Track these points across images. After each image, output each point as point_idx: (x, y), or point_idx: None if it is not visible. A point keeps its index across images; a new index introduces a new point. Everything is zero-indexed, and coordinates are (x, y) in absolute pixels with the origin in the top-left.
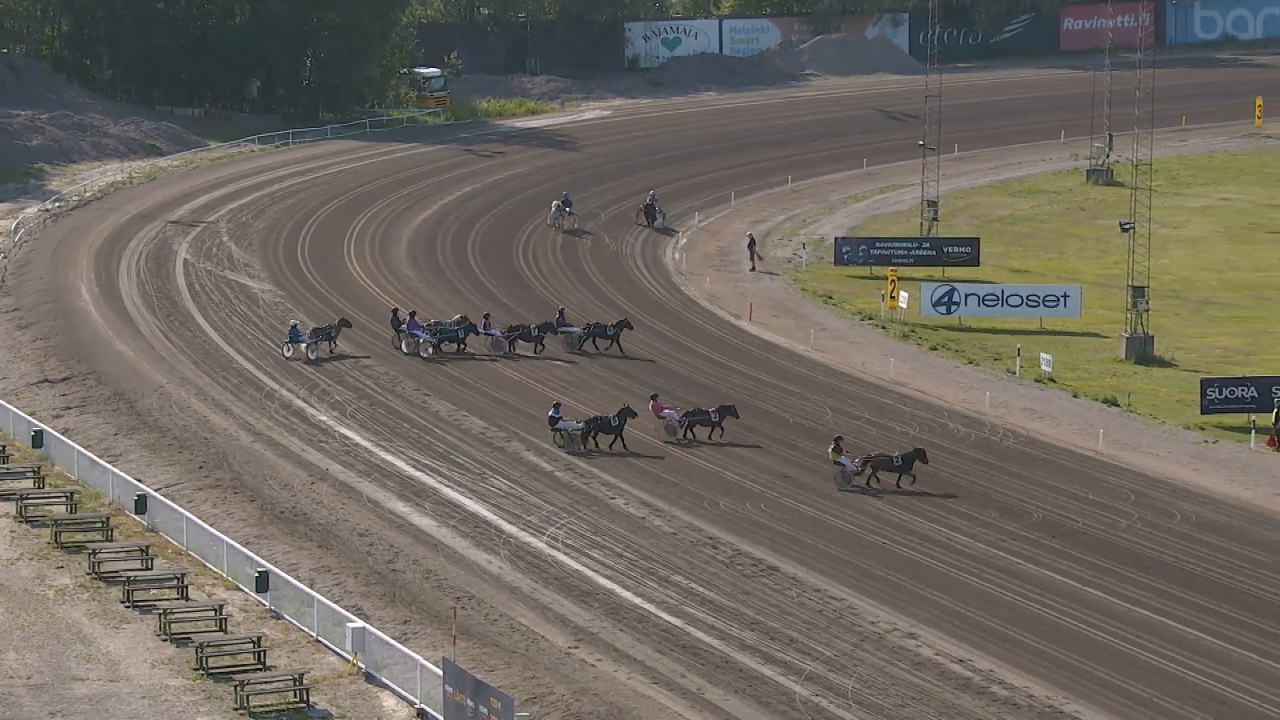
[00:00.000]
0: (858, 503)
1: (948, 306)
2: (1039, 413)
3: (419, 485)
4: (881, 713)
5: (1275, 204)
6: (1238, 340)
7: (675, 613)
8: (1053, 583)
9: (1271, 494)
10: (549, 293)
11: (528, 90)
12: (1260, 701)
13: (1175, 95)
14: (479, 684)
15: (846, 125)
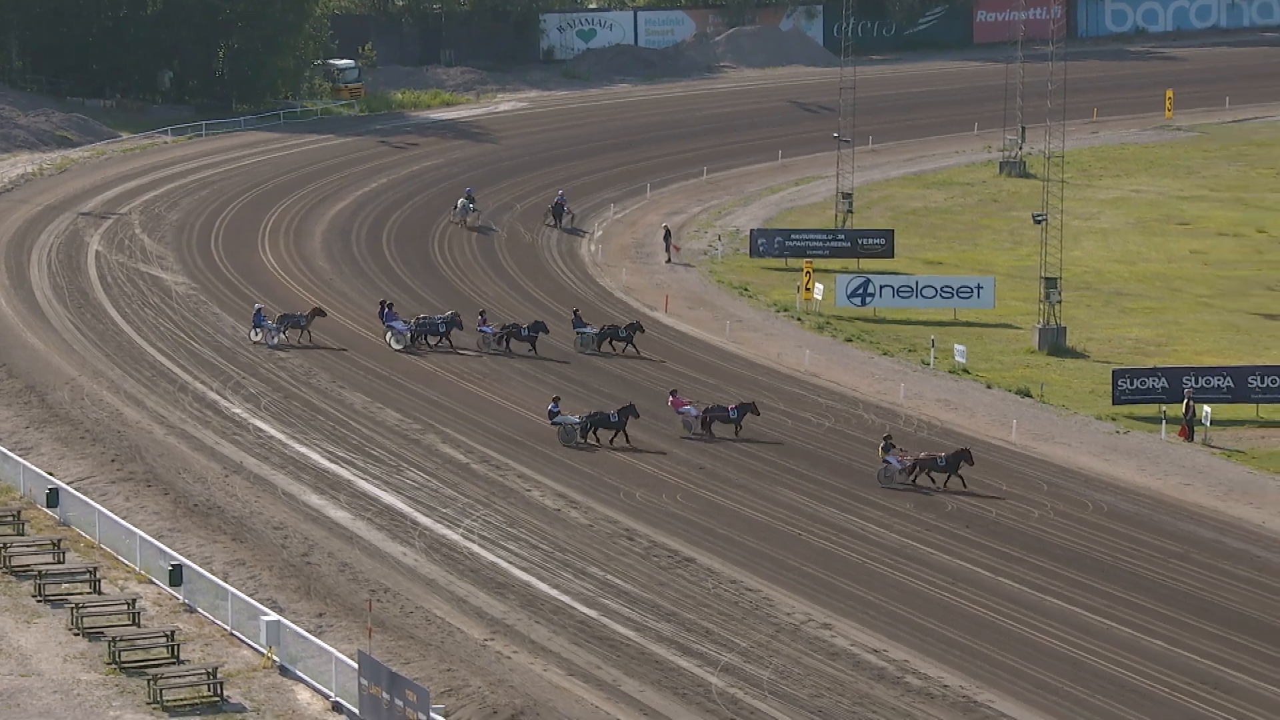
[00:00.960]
0: (773, 494)
1: (862, 298)
2: (953, 404)
3: (334, 478)
4: (797, 703)
5: (1186, 196)
6: (1149, 331)
7: (591, 604)
8: (967, 573)
9: (1181, 484)
10: (465, 285)
11: (443, 82)
12: (1170, 690)
13: (1087, 87)
14: (394, 676)
15: (761, 117)
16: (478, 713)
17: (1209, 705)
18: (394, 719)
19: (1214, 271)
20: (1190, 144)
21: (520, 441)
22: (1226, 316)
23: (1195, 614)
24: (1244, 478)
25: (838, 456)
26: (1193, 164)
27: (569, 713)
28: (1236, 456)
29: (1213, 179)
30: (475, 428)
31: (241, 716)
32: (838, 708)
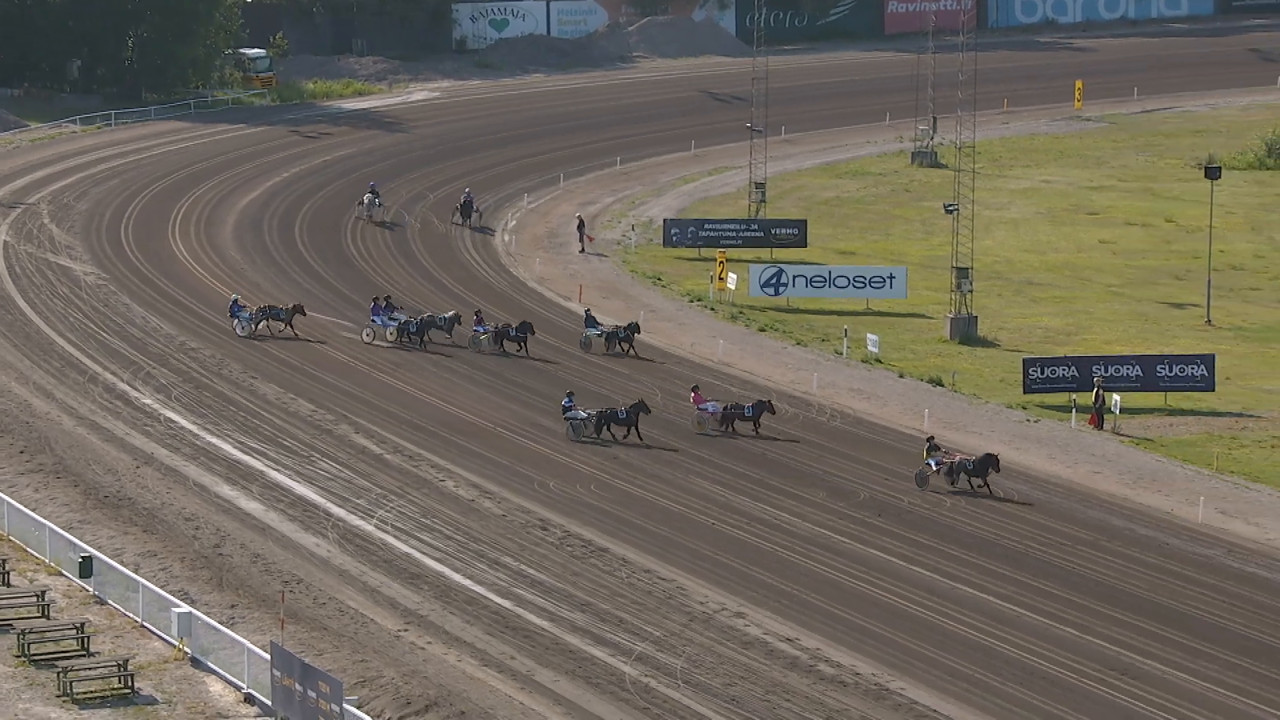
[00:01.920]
0: (686, 484)
1: (775, 288)
2: (866, 393)
3: (246, 468)
4: (710, 692)
5: (1095, 186)
6: (1059, 320)
7: (505, 595)
8: (879, 561)
9: (1091, 472)
10: (379, 276)
11: (355, 71)
12: (1079, 676)
13: (997, 78)
14: (307, 668)
15: (674, 107)
16: (391, 704)
17: (1118, 692)
18: (307, 711)
19: (1123, 261)
20: (1099, 134)
21: (434, 432)
22: (1135, 306)
23: (1105, 601)
24: (1152, 465)
25: (752, 447)
26: (1102, 154)
27: (483, 703)
28: (1145, 444)
29: (1121, 169)
30: (389, 418)
31: (153, 709)
32: (750, 696)
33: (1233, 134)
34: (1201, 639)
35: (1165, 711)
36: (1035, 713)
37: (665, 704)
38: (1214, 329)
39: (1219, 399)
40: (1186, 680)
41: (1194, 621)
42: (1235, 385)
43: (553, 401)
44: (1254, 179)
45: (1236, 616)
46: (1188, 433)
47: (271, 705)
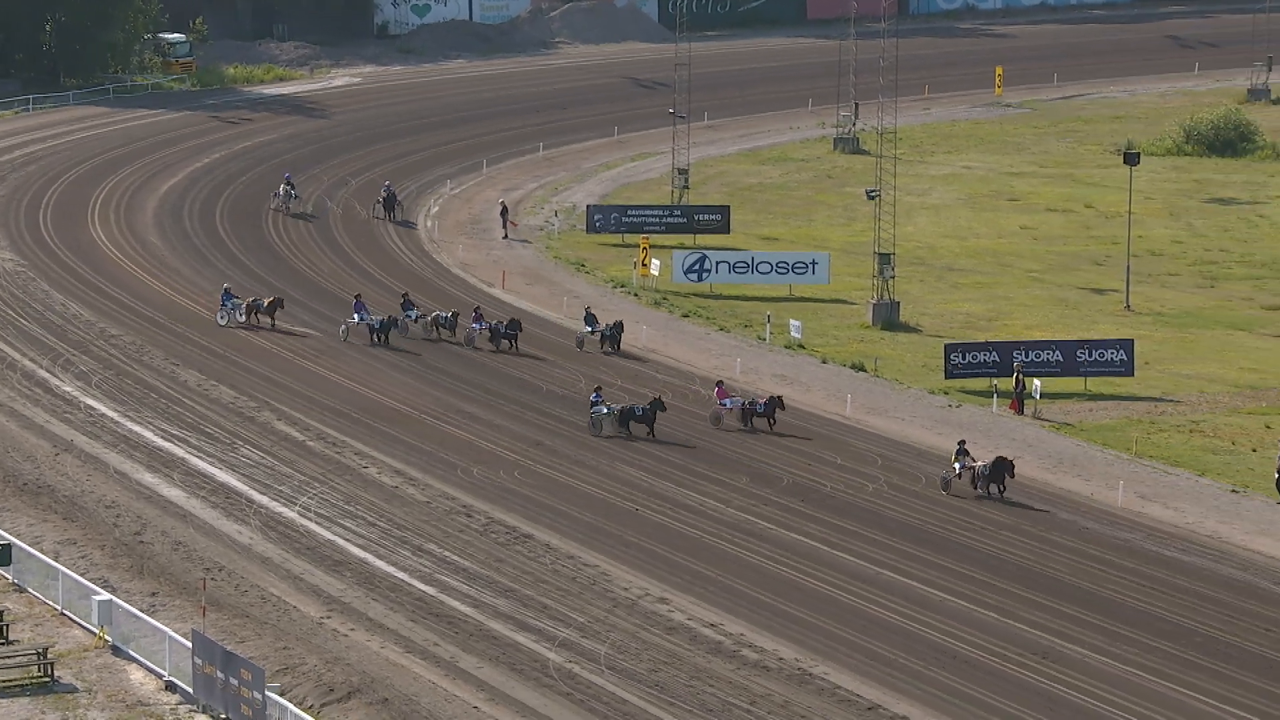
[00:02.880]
0: (610, 470)
1: (699, 274)
2: (789, 378)
3: (167, 456)
4: (634, 677)
5: (1015, 172)
6: (980, 306)
7: (429, 581)
8: (802, 546)
9: (1012, 456)
10: (301, 262)
11: (276, 57)
12: (1001, 660)
13: (918, 64)
14: (229, 655)
15: (597, 93)
16: (313, 691)
17: (1039, 675)
18: (228, 698)
19: (1043, 247)
20: (1020, 120)
21: (357, 419)
22: (1055, 291)
23: (1026, 585)
24: (1072, 450)
25: (675, 431)
26: (1022, 140)
27: (406, 690)
28: (1065, 429)
29: (1041, 155)
30: (311, 405)
31: (73, 697)
32: (674, 681)
33: (1151, 120)
34: (1121, 622)
35: (1085, 694)
36: (957, 696)
37: (589, 690)
38: (1133, 314)
39: (1138, 384)
40: (1106, 663)
41: (1114, 605)
42: (1154, 370)
43: (476, 388)
44: (1172, 165)
45: (1155, 600)
46: (1107, 417)
47: (193, 693)
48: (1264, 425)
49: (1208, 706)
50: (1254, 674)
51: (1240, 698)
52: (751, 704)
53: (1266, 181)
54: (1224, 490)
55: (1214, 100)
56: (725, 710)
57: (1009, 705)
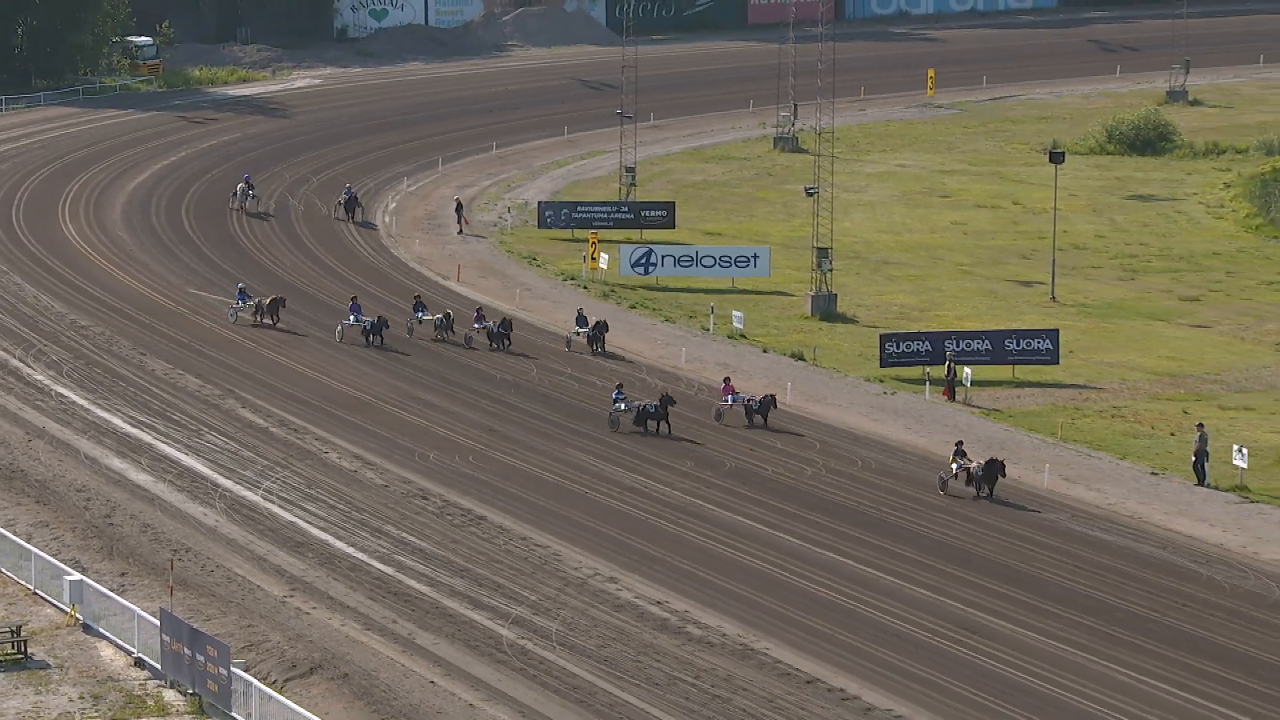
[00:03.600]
0: (561, 454)
1: (645, 267)
2: (731, 367)
3: (136, 442)
4: (584, 654)
5: (947, 170)
6: (913, 298)
7: (387, 561)
8: (744, 528)
9: (944, 441)
10: (264, 257)
11: (239, 59)
12: (932, 635)
13: (854, 67)
14: (195, 633)
15: (548, 94)
16: (277, 667)
17: (970, 650)
18: (195, 674)
19: (973, 241)
20: (951, 121)
21: (318, 406)
22: (985, 283)
23: (957, 564)
24: (1001, 435)
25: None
26: (953, 140)
27: (365, 665)
28: (995, 415)
29: (971, 154)
30: (274, 393)
31: (45, 673)
32: (622, 657)
33: (1075, 121)
34: (1047, 599)
35: (1013, 668)
36: (891, 670)
37: (541, 665)
38: (1058, 305)
39: (1063, 372)
40: (1033, 638)
41: (1040, 582)
42: (1078, 359)
43: (433, 377)
44: (1095, 163)
45: (1079, 577)
46: (1034, 404)
47: (161, 669)
48: (1182, 411)
49: (1129, 679)
50: (1172, 647)
51: (1159, 670)
52: (696, 678)
53: (1184, 179)
54: (1144, 473)
55: (1135, 102)
56: (671, 684)
57: (941, 678)
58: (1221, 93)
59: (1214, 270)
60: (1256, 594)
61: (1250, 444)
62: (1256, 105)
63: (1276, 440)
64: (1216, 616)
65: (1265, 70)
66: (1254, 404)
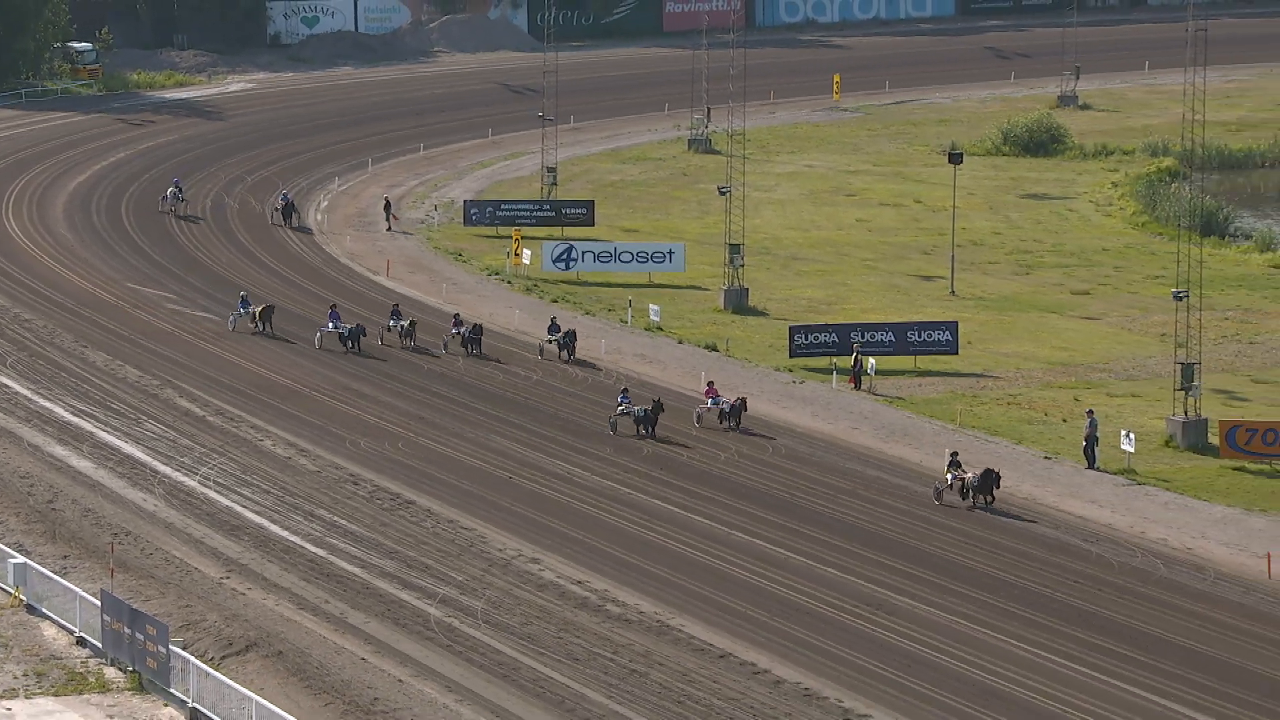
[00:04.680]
0: (486, 441)
1: (566, 263)
2: (649, 358)
3: (77, 430)
4: (508, 631)
5: (852, 170)
6: (821, 292)
7: (320, 544)
8: (661, 511)
9: (850, 428)
10: (201, 254)
11: (176, 64)
12: (838, 611)
13: (764, 72)
14: (135, 613)
15: (473, 98)
16: (214, 645)
17: (874, 625)
18: (135, 652)
19: (877, 238)
20: (855, 123)
21: (253, 396)
22: (888, 278)
23: (862, 544)
24: (904, 421)
25: (545, 407)
26: (858, 141)
27: (299, 643)
28: (897, 403)
29: (875, 155)
30: (211, 383)
31: None
32: (545, 634)
33: (972, 124)
34: (947, 577)
35: (915, 642)
36: (800, 644)
37: (467, 642)
38: (957, 299)
39: (962, 361)
40: (934, 614)
41: (940, 561)
42: (976, 349)
43: (363, 368)
44: (991, 164)
45: (977, 556)
46: (934, 392)
47: (102, 647)
48: (1073, 398)
49: (1025, 652)
50: (1064, 622)
51: (1053, 643)
52: (614, 654)
53: (1075, 179)
54: (1038, 457)
55: (1028, 106)
56: (591, 659)
57: (847, 652)
58: (1109, 97)
59: (1103, 265)
60: (1143, 571)
61: (1137, 429)
62: (1142, 109)
63: (1161, 426)
64: (1105, 592)
65: (1150, 76)
66: (1140, 391)
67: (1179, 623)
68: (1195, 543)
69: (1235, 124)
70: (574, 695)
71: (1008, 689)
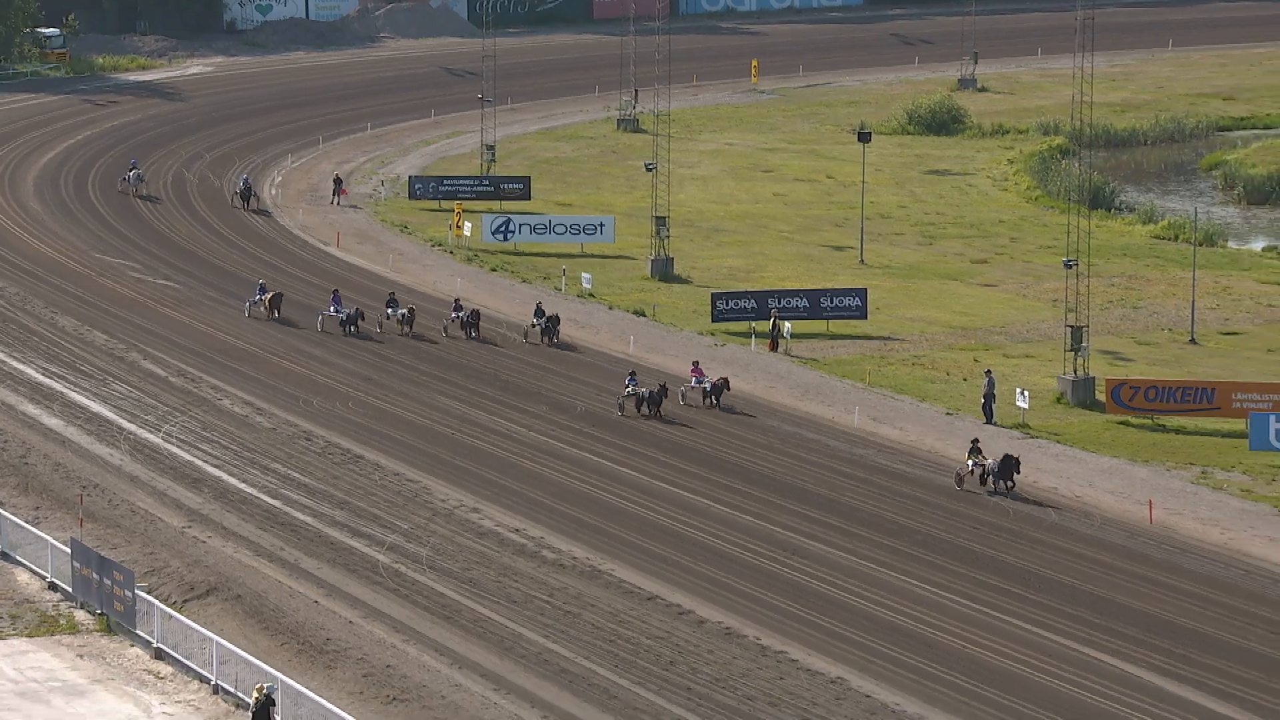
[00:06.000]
0: (430, 400)
1: (504, 234)
2: (581, 322)
3: (48, 390)
4: (451, 575)
5: (769, 148)
6: (741, 261)
7: (275, 496)
8: (592, 464)
9: (768, 387)
10: (163, 225)
11: (139, 48)
12: (756, 556)
13: (688, 57)
14: (103, 560)
15: (417, 81)
16: (177, 589)
17: (788, 568)
18: (103, 596)
19: (793, 211)
20: (772, 105)
21: (212, 358)
22: (803, 248)
23: (778, 494)
24: (817, 381)
25: (484, 367)
26: (774, 121)
27: (256, 587)
28: (811, 364)
29: (790, 134)
30: (173, 346)
31: None
32: (485, 578)
33: (880, 105)
34: (857, 524)
35: (827, 584)
36: (720, 586)
37: (413, 586)
38: (866, 267)
39: (871, 325)
40: (844, 557)
41: (850, 509)
42: (884, 314)
43: (316, 332)
44: (897, 142)
45: (883, 504)
46: (845, 354)
47: (72, 592)
48: (973, 359)
49: (927, 591)
50: (963, 564)
51: (952, 584)
52: (550, 596)
53: (974, 156)
54: (940, 413)
55: (931, 88)
56: (528, 601)
57: (765, 594)
58: (1005, 80)
59: (1000, 236)
60: (1035, 517)
61: (1031, 387)
62: (1035, 92)
63: (1053, 384)
64: (1001, 537)
65: (1042, 61)
66: (1034, 352)
67: (1068, 564)
68: (1083, 491)
69: (1120, 105)
70: (512, 635)
71: (913, 626)
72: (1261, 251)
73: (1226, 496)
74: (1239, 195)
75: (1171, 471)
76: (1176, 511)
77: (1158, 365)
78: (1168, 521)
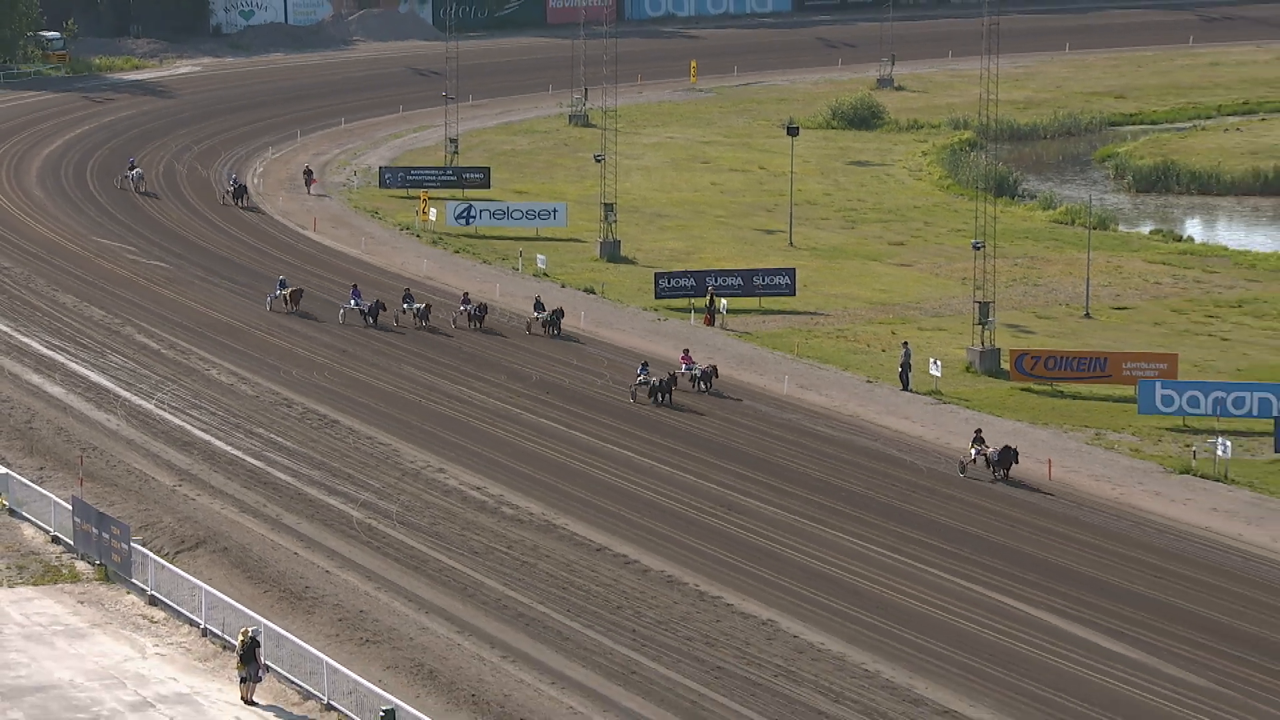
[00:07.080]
0: (399, 370)
1: (466, 219)
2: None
3: (51, 361)
4: (419, 529)
5: (707, 141)
6: (681, 243)
7: (258, 457)
8: (546, 427)
9: (704, 357)
10: (155, 211)
11: (133, 50)
12: (697, 511)
13: (633, 59)
14: (102, 516)
15: (386, 80)
16: (169, 542)
17: (726, 522)
18: (102, 548)
19: (728, 198)
20: (709, 102)
21: (201, 332)
22: (737, 232)
23: (716, 455)
24: (751, 352)
25: (449, 341)
26: (711, 117)
27: (241, 540)
28: (746, 337)
29: (726, 128)
30: (165, 322)
31: None
32: (450, 532)
33: (807, 102)
34: (787, 482)
35: (761, 537)
36: (662, 539)
37: (384, 539)
38: (795, 249)
39: (799, 302)
40: (776, 513)
41: (781, 469)
42: (811, 291)
43: (301, 315)
44: (823, 136)
45: (811, 463)
46: (776, 327)
47: (74, 545)
48: (890, 332)
49: (851, 544)
50: (884, 519)
51: (874, 536)
52: (509, 548)
53: (892, 148)
54: (861, 381)
55: (853, 87)
56: (489, 553)
57: (704, 545)
58: (919, 80)
59: (915, 221)
60: (947, 475)
61: (943, 357)
62: (947, 90)
63: (962, 354)
64: (918, 494)
65: (953, 63)
66: (945, 326)
67: (976, 517)
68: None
69: (1023, 103)
70: (474, 583)
71: (838, 574)
72: (1149, 234)
73: (1118, 455)
74: (1129, 184)
75: (1069, 433)
76: (1073, 469)
77: (1056, 337)
78: (1065, 479)
